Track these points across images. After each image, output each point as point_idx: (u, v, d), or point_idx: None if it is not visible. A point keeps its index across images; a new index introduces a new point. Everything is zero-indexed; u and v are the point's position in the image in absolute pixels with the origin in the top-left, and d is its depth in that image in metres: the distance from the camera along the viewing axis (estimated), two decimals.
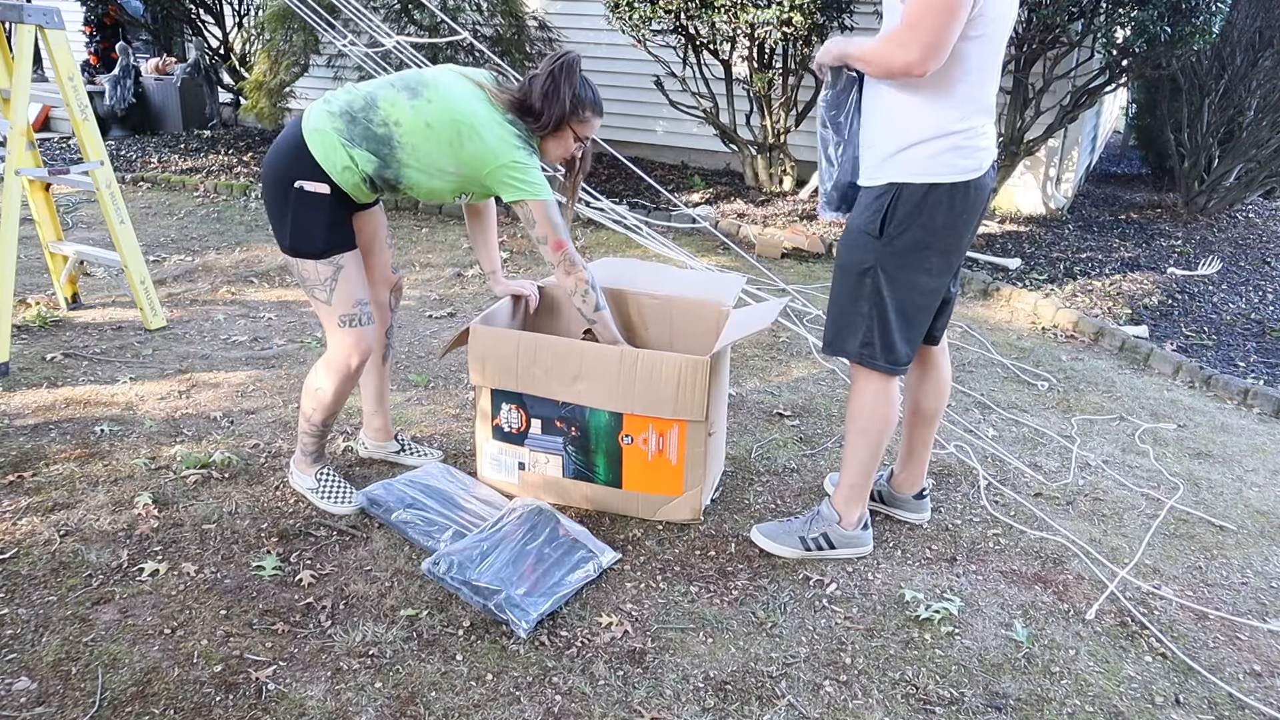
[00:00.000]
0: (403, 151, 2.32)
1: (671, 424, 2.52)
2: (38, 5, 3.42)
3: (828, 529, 2.49)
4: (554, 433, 2.62)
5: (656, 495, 2.62)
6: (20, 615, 2.13)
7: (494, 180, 2.34)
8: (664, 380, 2.46)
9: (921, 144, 2.13)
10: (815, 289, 4.83)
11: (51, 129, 8.70)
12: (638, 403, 2.50)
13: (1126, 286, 5.25)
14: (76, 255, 3.99)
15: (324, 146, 2.29)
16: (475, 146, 2.30)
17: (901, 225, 2.18)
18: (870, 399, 2.35)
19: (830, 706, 1.99)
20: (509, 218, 6.14)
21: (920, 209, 2.16)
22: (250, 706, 1.90)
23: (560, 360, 2.53)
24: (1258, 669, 2.18)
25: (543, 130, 2.39)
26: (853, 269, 2.26)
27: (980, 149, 2.16)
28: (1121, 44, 5.52)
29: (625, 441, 2.57)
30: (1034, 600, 2.38)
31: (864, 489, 2.47)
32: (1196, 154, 6.72)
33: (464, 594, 2.23)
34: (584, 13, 7.21)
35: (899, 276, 2.22)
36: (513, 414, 2.65)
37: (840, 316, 2.32)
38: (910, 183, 2.15)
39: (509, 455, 2.70)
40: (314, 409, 2.54)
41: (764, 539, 2.52)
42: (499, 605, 2.17)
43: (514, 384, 2.60)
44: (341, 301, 2.41)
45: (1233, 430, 3.50)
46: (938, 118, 2.12)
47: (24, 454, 2.83)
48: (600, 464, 2.62)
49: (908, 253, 2.20)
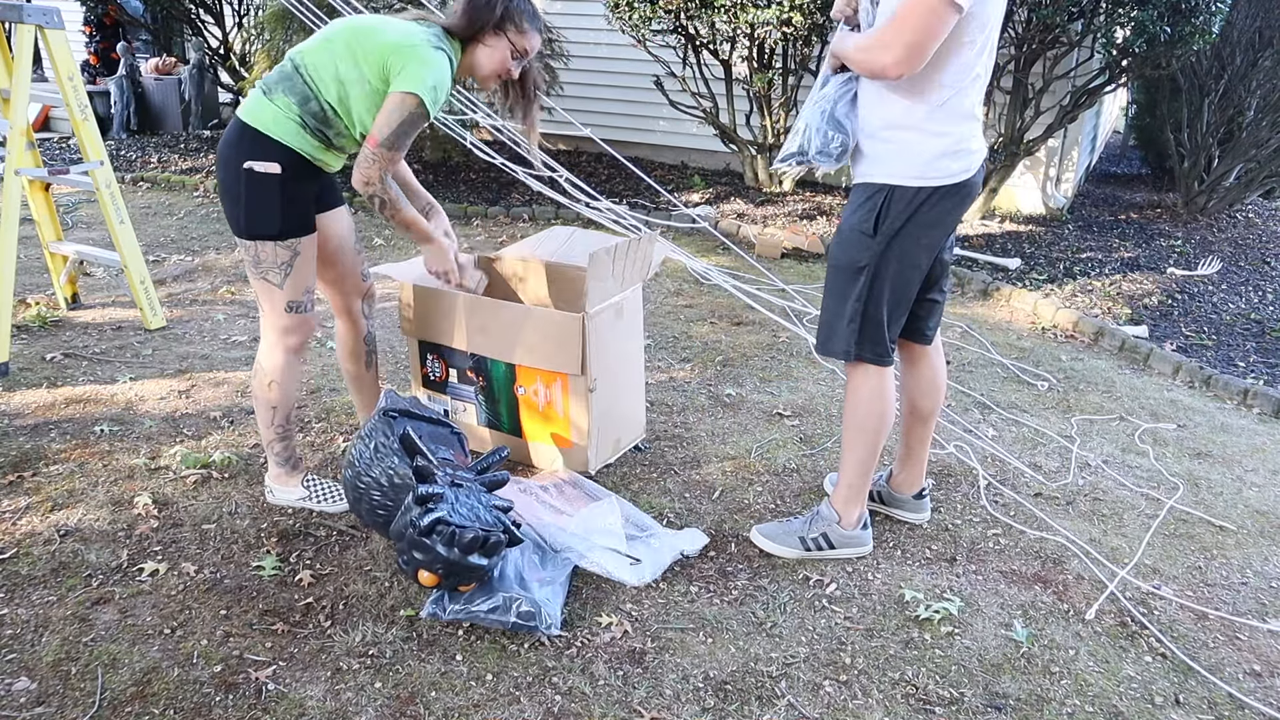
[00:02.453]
0: (309, 74, 2.24)
1: (555, 377, 2.72)
2: (38, 5, 3.42)
3: (827, 529, 2.49)
4: (467, 382, 2.89)
5: (550, 446, 2.82)
6: (20, 615, 2.13)
7: (392, 71, 2.18)
8: (544, 335, 2.67)
9: (915, 147, 2.16)
10: (815, 289, 4.82)
11: (51, 129, 8.70)
12: (525, 355, 2.73)
13: (1126, 286, 5.26)
14: (76, 255, 3.99)
15: (257, 113, 2.26)
16: (374, 40, 2.20)
17: (895, 223, 2.21)
18: (866, 395, 2.37)
19: (830, 706, 1.99)
20: (509, 218, 6.14)
21: (913, 208, 2.19)
22: (250, 706, 1.90)
23: (468, 313, 2.76)
24: (1257, 669, 2.18)
25: (468, 31, 2.26)
26: (847, 267, 2.28)
27: (972, 151, 2.20)
28: (1121, 44, 5.52)
29: (519, 392, 2.80)
30: (1034, 600, 2.38)
31: (862, 488, 2.48)
32: (1196, 154, 6.72)
33: (481, 620, 2.16)
34: (584, 13, 7.21)
35: (890, 271, 2.25)
36: (435, 364, 2.92)
37: (832, 317, 2.35)
38: (904, 185, 2.19)
39: (436, 402, 2.98)
40: (272, 409, 2.49)
41: (763, 539, 2.52)
42: (523, 615, 2.12)
43: (434, 336, 2.87)
44: (293, 288, 2.38)
45: (1232, 430, 3.50)
46: (931, 122, 2.14)
47: (24, 454, 2.83)
48: (504, 413, 2.87)
49: (900, 249, 2.23)
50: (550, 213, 6.14)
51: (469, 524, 2.11)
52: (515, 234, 5.80)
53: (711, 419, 3.33)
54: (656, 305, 4.58)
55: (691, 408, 3.41)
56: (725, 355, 3.93)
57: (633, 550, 2.40)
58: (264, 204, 2.28)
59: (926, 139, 2.15)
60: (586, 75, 7.32)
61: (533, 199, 6.41)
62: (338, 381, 3.47)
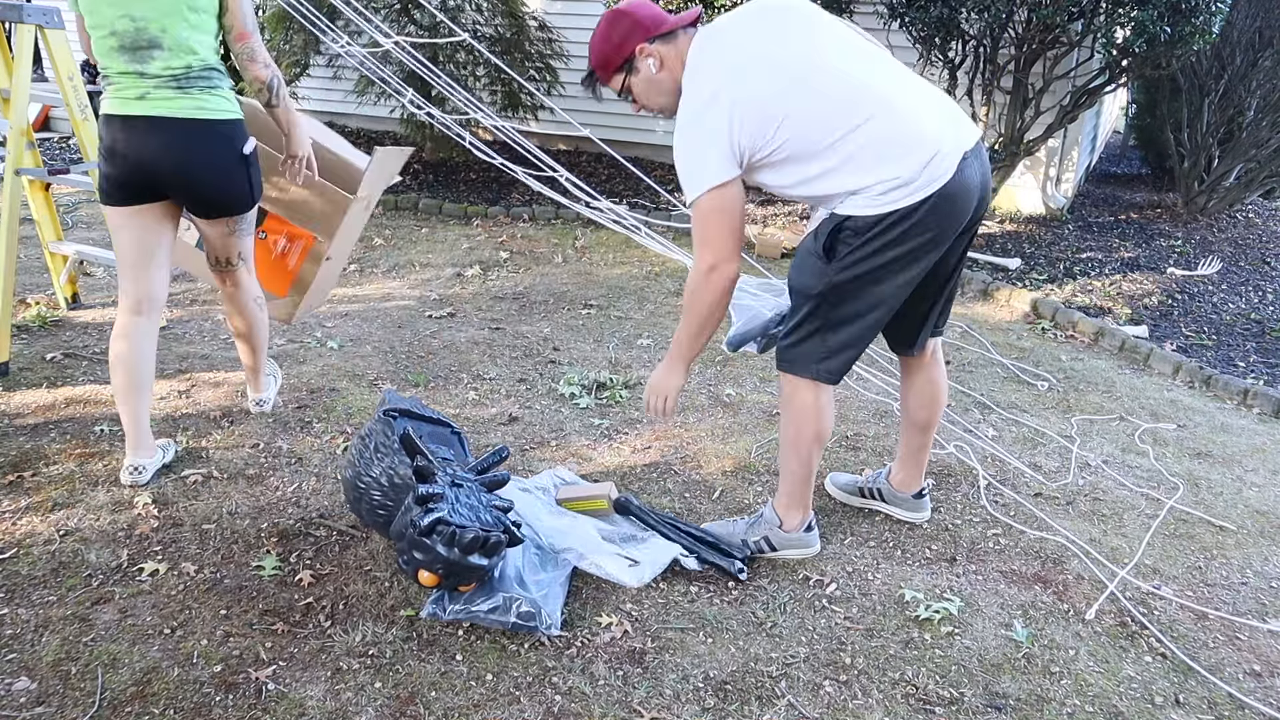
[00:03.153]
0: (186, 49, 2.48)
1: (301, 236, 3.11)
2: (38, 5, 3.42)
3: (769, 532, 2.47)
4: None
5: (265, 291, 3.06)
6: (20, 615, 2.13)
7: None
8: (314, 200, 3.03)
9: (866, 195, 2.07)
10: None
11: (51, 129, 8.69)
12: (287, 210, 3.06)
13: (1126, 286, 5.26)
14: (76, 255, 3.99)
15: (219, 106, 2.55)
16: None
17: (850, 250, 2.11)
18: (796, 411, 2.33)
19: (830, 706, 1.99)
20: (509, 218, 6.14)
21: (868, 234, 2.09)
22: (250, 706, 1.90)
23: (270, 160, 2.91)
24: (1258, 669, 2.18)
25: None
26: (801, 291, 2.23)
27: (922, 175, 2.03)
28: (1121, 44, 5.52)
29: (260, 235, 3.09)
30: (1034, 600, 2.38)
31: (803, 495, 2.44)
32: (1196, 154, 6.72)
33: (481, 620, 2.16)
34: (584, 13, 7.21)
35: (843, 296, 2.17)
36: None
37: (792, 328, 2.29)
38: (856, 215, 2.09)
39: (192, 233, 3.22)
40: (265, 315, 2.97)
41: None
42: (523, 615, 2.12)
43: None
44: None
45: (1232, 430, 3.50)
46: (861, 175, 2.05)
47: (24, 454, 2.83)
48: None
49: (855, 275, 2.13)
50: (550, 212, 6.15)
51: (469, 524, 2.11)
52: (515, 234, 5.80)
53: (711, 419, 3.33)
54: (656, 305, 4.58)
55: (691, 408, 3.41)
56: (725, 355, 3.93)
57: (631, 552, 2.40)
58: (256, 171, 2.67)
59: (871, 188, 2.05)
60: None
61: (533, 199, 6.41)
62: (337, 381, 3.47)
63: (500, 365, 3.74)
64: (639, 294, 4.76)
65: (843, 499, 2.80)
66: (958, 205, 2.11)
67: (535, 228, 6.00)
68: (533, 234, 5.85)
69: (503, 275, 5.00)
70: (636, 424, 3.26)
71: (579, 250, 5.53)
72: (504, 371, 3.68)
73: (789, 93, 2.03)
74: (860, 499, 2.77)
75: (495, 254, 5.36)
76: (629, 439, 3.15)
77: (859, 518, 2.72)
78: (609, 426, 3.23)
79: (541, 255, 5.40)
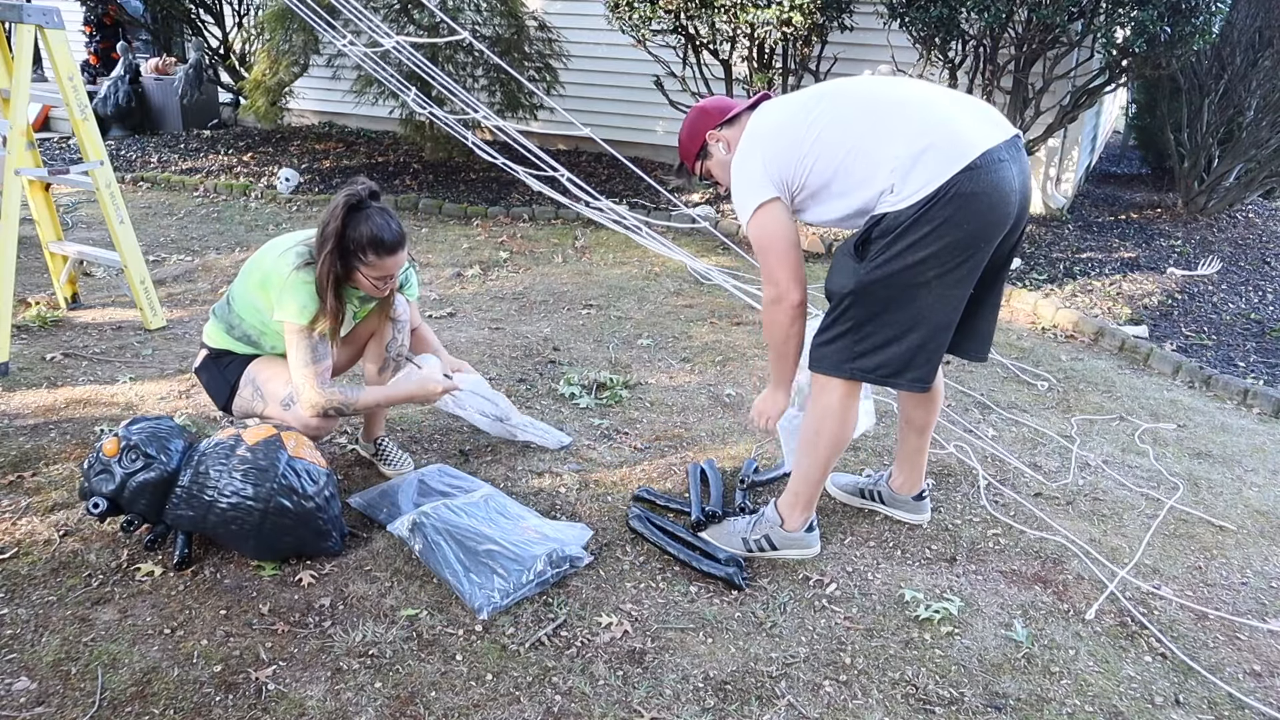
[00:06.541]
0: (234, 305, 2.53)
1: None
2: (38, 5, 3.42)
3: (769, 531, 2.47)
4: None
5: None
6: (20, 615, 2.13)
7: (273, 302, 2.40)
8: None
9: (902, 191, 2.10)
10: (815, 289, 4.82)
11: (51, 129, 8.69)
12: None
13: (1126, 286, 5.26)
14: (76, 255, 3.99)
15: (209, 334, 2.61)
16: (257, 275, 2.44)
17: (880, 249, 2.12)
18: (820, 410, 2.32)
19: (830, 706, 1.99)
20: (509, 218, 6.14)
21: (897, 229, 2.09)
22: (250, 706, 1.90)
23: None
24: (1258, 669, 2.18)
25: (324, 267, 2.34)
26: (834, 291, 2.25)
27: (950, 151, 2.04)
28: (1121, 44, 5.52)
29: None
30: (1034, 600, 2.38)
31: (810, 497, 2.44)
32: (1196, 154, 6.72)
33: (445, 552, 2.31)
34: (584, 13, 7.21)
35: (875, 296, 2.17)
36: None
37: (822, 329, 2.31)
38: (888, 211, 2.10)
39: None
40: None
41: (708, 538, 2.51)
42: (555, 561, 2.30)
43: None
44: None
45: (1232, 430, 3.50)
46: (889, 180, 2.09)
47: (24, 454, 2.83)
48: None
49: (885, 274, 2.13)
50: (550, 212, 6.15)
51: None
52: (515, 233, 5.80)
53: (711, 419, 3.33)
54: (656, 305, 4.58)
55: (691, 408, 3.41)
56: (725, 355, 3.93)
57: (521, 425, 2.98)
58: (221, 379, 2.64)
59: (902, 184, 2.07)
60: (586, 75, 7.32)
61: (533, 199, 6.41)
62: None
63: (500, 365, 3.74)
64: (639, 294, 4.76)
65: (843, 499, 2.80)
66: (995, 205, 2.06)
67: (535, 228, 6.00)
68: (533, 234, 5.85)
69: (503, 275, 5.00)
70: (636, 424, 3.26)
71: (579, 250, 5.53)
72: (504, 371, 3.68)
73: (817, 121, 2.18)
74: (860, 500, 2.77)
75: (495, 254, 5.36)
76: (629, 439, 3.15)
77: (859, 518, 2.72)
78: (609, 426, 3.23)
79: (541, 255, 5.40)
